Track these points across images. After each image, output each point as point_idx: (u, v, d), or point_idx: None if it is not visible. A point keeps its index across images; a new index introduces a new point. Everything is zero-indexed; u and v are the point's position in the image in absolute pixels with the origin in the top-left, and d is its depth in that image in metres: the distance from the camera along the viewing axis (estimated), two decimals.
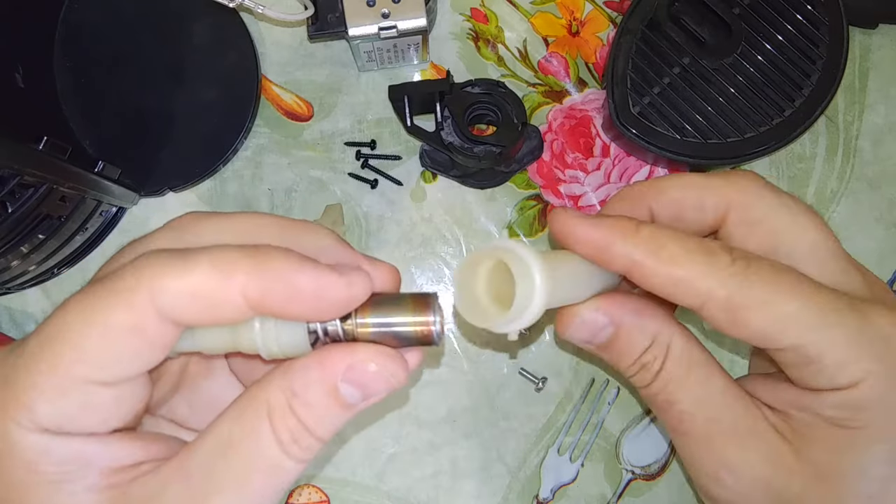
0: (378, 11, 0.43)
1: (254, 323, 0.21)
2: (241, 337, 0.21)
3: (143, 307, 0.19)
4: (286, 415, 0.20)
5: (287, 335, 0.21)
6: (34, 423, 0.19)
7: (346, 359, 0.21)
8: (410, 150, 0.48)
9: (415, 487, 0.45)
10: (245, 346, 0.22)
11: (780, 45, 0.44)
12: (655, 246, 0.24)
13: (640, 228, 0.24)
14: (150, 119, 0.47)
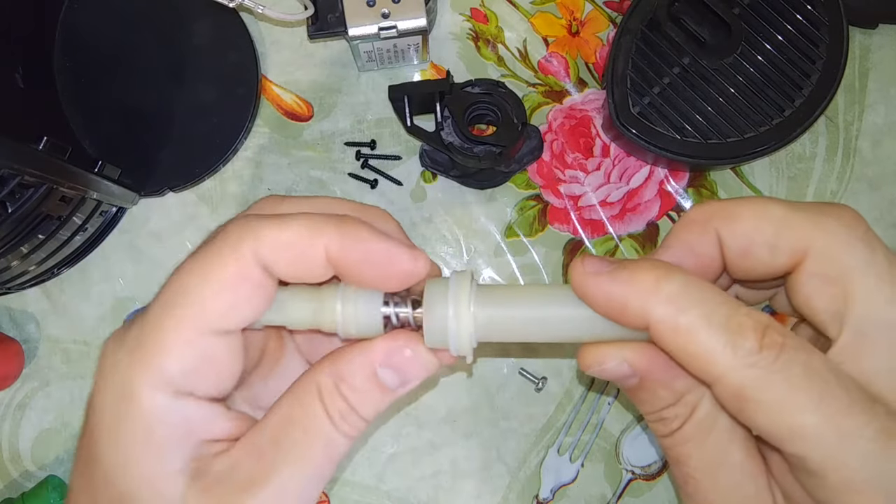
0: (378, 11, 0.43)
1: (336, 304, 0.24)
2: (323, 315, 0.24)
3: (247, 257, 0.22)
4: (335, 397, 0.22)
5: (364, 316, 0.24)
6: (163, 382, 0.21)
7: (384, 345, 0.23)
8: (410, 150, 0.48)
9: (415, 487, 0.45)
10: (326, 324, 0.24)
11: (780, 45, 0.44)
12: (675, 310, 0.22)
13: (662, 285, 0.22)
14: (150, 119, 0.47)
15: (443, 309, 0.24)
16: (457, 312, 0.24)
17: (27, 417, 0.47)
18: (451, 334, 0.24)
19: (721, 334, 0.21)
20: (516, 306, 0.25)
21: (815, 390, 0.20)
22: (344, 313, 0.24)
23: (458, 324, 0.24)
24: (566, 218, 0.47)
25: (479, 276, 0.47)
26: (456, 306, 0.24)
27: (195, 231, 0.47)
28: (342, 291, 0.24)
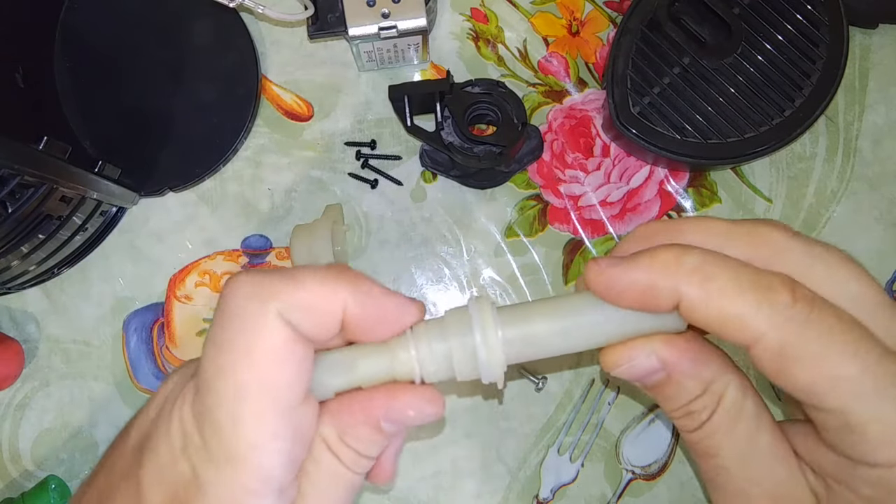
0: (378, 11, 0.43)
1: (410, 350, 0.24)
2: (399, 365, 0.24)
3: (282, 327, 0.21)
4: (342, 447, 0.23)
5: (442, 358, 0.24)
6: (267, 484, 0.21)
7: (387, 404, 0.23)
8: (410, 150, 0.48)
9: (415, 487, 0.45)
10: (402, 374, 0.24)
11: (780, 45, 0.44)
12: (702, 277, 0.22)
13: (684, 259, 0.22)
14: (150, 119, 0.47)
15: (469, 339, 0.24)
16: (485, 340, 0.23)
17: (27, 417, 0.46)
18: (482, 363, 0.24)
19: (754, 294, 0.21)
20: (540, 323, 0.24)
21: (850, 341, 0.21)
22: (420, 359, 0.24)
23: (488, 352, 0.24)
24: (566, 218, 0.47)
25: (480, 277, 0.47)
26: (483, 334, 0.24)
27: (195, 231, 0.47)
28: (413, 338, 0.24)
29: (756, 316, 0.21)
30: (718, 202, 0.48)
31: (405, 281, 0.47)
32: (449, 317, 0.24)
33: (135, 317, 0.47)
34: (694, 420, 0.24)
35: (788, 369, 0.21)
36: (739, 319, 0.21)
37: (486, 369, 0.24)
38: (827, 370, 0.21)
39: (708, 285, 0.22)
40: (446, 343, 0.24)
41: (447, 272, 0.47)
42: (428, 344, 0.24)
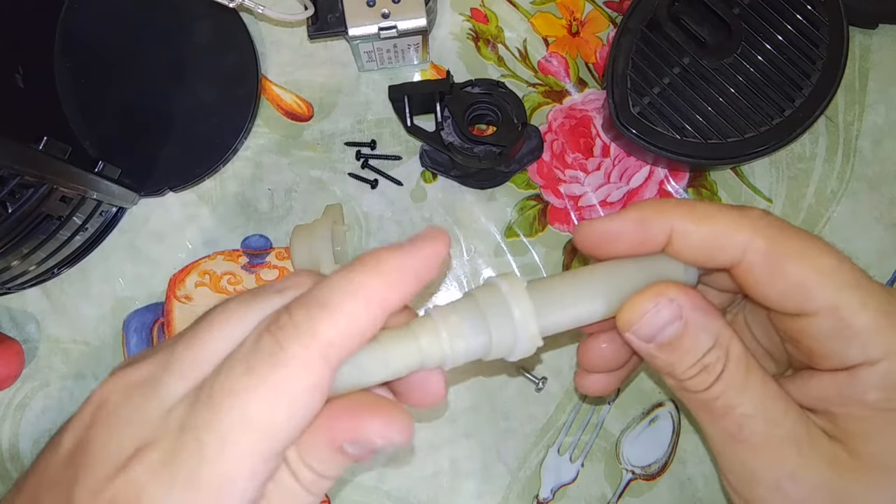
0: (378, 11, 0.43)
1: (440, 333, 0.23)
2: (429, 355, 0.23)
3: (323, 372, 0.21)
4: (302, 468, 0.22)
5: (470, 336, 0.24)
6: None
7: (352, 427, 0.22)
8: (410, 150, 0.48)
9: (414, 487, 0.45)
10: (434, 361, 0.23)
11: (780, 45, 0.44)
12: (688, 208, 0.25)
13: (668, 200, 0.26)
14: (150, 119, 0.47)
15: (507, 318, 0.23)
16: (523, 317, 0.23)
17: (27, 417, 0.47)
18: (521, 340, 0.24)
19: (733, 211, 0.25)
20: (564, 290, 0.25)
21: (818, 241, 0.24)
22: (452, 343, 0.23)
23: (526, 329, 0.24)
24: (566, 218, 0.47)
25: (480, 277, 0.47)
26: (521, 311, 0.23)
27: (195, 231, 0.47)
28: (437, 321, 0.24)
29: (740, 226, 0.24)
30: (718, 202, 0.48)
31: None
32: (479, 294, 0.24)
33: (135, 317, 0.47)
34: (710, 374, 0.25)
35: (780, 268, 0.24)
36: (727, 233, 0.24)
37: (523, 345, 0.24)
38: (812, 262, 0.23)
39: (694, 211, 0.25)
40: (484, 322, 0.24)
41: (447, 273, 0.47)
42: (459, 324, 0.23)
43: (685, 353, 0.25)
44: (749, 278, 0.24)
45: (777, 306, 0.25)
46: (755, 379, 0.25)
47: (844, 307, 0.23)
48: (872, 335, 0.23)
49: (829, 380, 0.24)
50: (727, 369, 0.25)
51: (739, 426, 0.25)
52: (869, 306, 0.23)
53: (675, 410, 0.46)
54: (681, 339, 0.25)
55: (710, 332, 0.25)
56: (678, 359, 0.25)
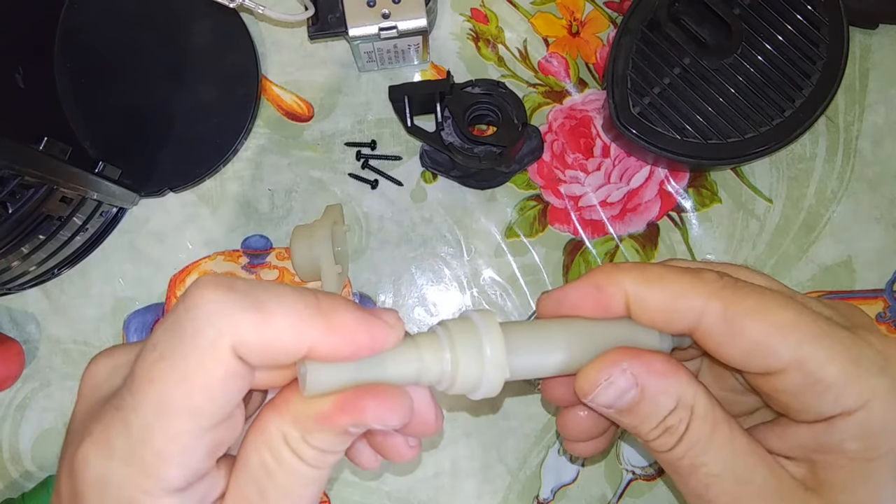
0: (378, 12, 0.43)
1: (444, 355, 0.23)
2: (429, 371, 0.23)
3: (231, 360, 0.21)
4: (304, 446, 0.22)
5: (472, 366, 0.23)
6: (165, 489, 0.21)
7: (353, 416, 0.22)
8: (410, 150, 0.48)
9: (415, 487, 0.45)
10: (429, 379, 0.23)
11: (780, 45, 0.44)
12: (639, 272, 0.25)
13: (621, 265, 0.25)
14: (150, 119, 0.47)
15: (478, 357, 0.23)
16: (493, 358, 0.23)
17: (27, 418, 0.46)
18: (486, 381, 0.23)
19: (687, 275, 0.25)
20: (545, 347, 0.25)
21: (776, 296, 0.24)
22: (453, 366, 0.23)
23: (494, 370, 0.23)
24: (566, 218, 0.47)
25: (480, 277, 0.47)
26: (492, 352, 0.23)
27: (195, 231, 0.47)
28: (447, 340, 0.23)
29: (694, 290, 0.24)
30: (718, 202, 0.48)
31: (405, 281, 0.47)
32: (451, 325, 0.24)
33: (135, 317, 0.47)
34: (673, 435, 0.24)
35: (738, 328, 0.23)
36: (683, 297, 0.24)
37: (487, 387, 0.24)
38: (770, 318, 0.23)
39: (646, 275, 0.25)
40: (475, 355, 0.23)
41: (447, 272, 0.47)
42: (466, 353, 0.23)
43: (645, 417, 0.25)
44: (710, 342, 0.24)
45: (743, 367, 0.24)
46: (721, 436, 0.24)
47: (810, 361, 0.23)
48: (844, 386, 0.22)
49: (807, 430, 0.24)
50: (690, 429, 0.24)
51: (706, 486, 0.24)
52: (836, 356, 0.23)
53: None
54: (639, 405, 0.25)
55: (671, 394, 0.24)
56: (640, 422, 0.25)
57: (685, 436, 0.24)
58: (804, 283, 0.47)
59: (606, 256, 0.47)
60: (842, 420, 0.23)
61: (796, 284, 0.47)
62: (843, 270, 0.47)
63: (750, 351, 0.23)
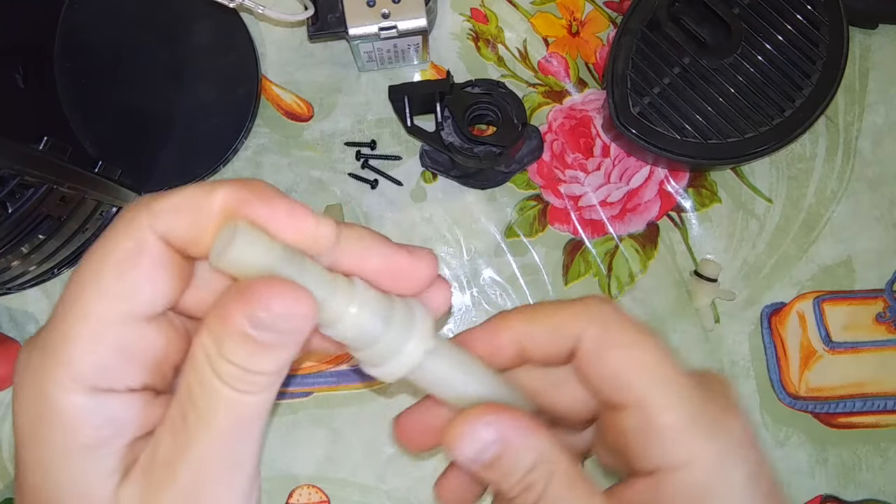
0: (378, 11, 0.43)
1: (356, 289, 0.21)
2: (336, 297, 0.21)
3: (143, 230, 0.20)
4: (221, 361, 0.20)
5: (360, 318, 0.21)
6: (75, 380, 0.20)
7: (241, 309, 0.19)
8: (410, 150, 0.48)
9: (415, 487, 0.45)
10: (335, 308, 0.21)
11: (780, 45, 0.44)
12: (530, 311, 0.26)
13: (517, 308, 0.27)
14: (150, 119, 0.47)
15: (403, 338, 0.22)
16: (413, 349, 0.22)
17: None
18: (393, 365, 0.22)
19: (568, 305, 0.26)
20: (469, 368, 0.25)
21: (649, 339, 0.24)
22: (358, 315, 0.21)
23: (405, 358, 0.22)
24: (566, 218, 0.47)
25: (480, 277, 0.47)
26: (418, 342, 0.22)
27: None
28: (357, 283, 0.21)
29: (577, 316, 0.25)
30: (718, 202, 0.48)
31: None
32: (398, 305, 0.23)
33: None
34: (532, 492, 0.25)
35: (603, 355, 0.24)
36: (565, 326, 0.25)
37: (387, 371, 0.22)
38: (635, 355, 0.24)
39: (535, 312, 0.26)
40: (390, 315, 0.22)
41: (447, 272, 0.47)
42: (370, 309, 0.21)
43: (506, 472, 0.25)
44: (580, 367, 0.25)
45: (595, 394, 0.25)
46: (579, 494, 0.24)
47: (652, 404, 0.23)
48: (675, 438, 0.23)
49: (640, 485, 0.24)
50: (550, 487, 0.24)
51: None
52: (676, 408, 0.23)
53: None
54: (500, 460, 0.25)
55: (533, 450, 0.25)
56: (502, 478, 0.25)
57: (545, 493, 0.25)
58: (804, 283, 0.47)
59: (606, 256, 0.47)
60: (667, 475, 0.23)
61: (796, 284, 0.47)
62: (843, 270, 0.47)
63: (604, 380, 0.24)
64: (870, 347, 0.47)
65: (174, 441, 0.20)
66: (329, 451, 0.45)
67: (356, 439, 0.45)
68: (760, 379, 0.46)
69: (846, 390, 0.46)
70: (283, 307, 0.19)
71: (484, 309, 0.47)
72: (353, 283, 0.21)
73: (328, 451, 0.45)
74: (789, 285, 0.47)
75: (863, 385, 0.46)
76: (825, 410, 0.46)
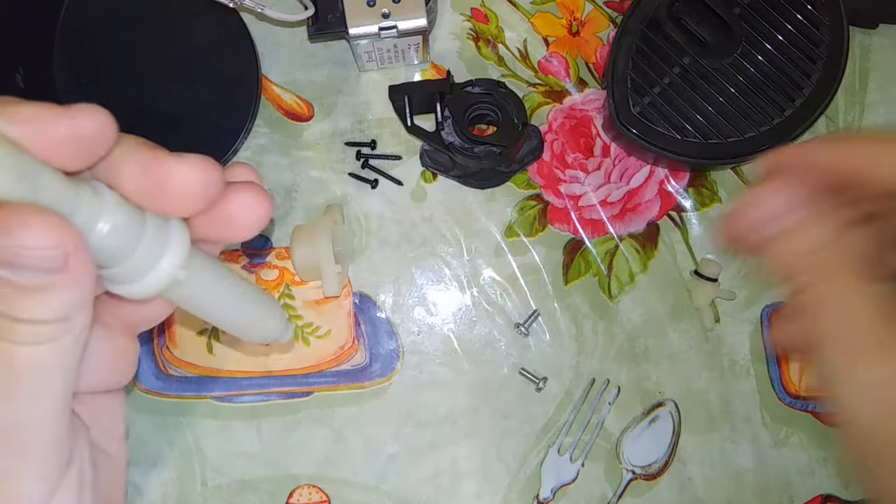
0: (378, 11, 0.43)
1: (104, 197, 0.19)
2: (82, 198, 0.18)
3: None
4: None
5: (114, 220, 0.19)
6: None
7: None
8: (411, 150, 0.48)
9: (415, 488, 0.45)
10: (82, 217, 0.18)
11: (780, 45, 0.44)
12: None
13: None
14: (149, 119, 0.47)
15: (157, 254, 0.19)
16: (167, 265, 0.20)
17: None
18: (145, 283, 0.20)
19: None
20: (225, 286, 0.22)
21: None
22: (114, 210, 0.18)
23: (159, 274, 0.20)
24: (566, 218, 0.47)
25: (480, 277, 0.47)
26: (173, 257, 0.20)
27: None
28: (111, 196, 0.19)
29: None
30: (718, 202, 0.48)
31: (405, 281, 0.47)
32: (151, 218, 0.20)
33: None
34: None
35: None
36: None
37: (142, 286, 0.20)
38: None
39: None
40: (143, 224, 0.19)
41: (447, 272, 0.47)
42: (121, 224, 0.19)
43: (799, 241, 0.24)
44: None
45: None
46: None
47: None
48: None
49: None
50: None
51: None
52: None
53: (676, 410, 0.46)
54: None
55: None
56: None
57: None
58: None
59: (606, 256, 0.47)
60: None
61: None
62: None
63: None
64: None
65: None
66: (329, 451, 0.45)
67: (356, 439, 0.45)
68: (760, 379, 0.46)
69: None
70: (20, 238, 0.15)
71: (484, 309, 0.47)
72: (99, 193, 0.18)
73: (328, 451, 0.45)
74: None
75: None
76: (825, 410, 0.46)
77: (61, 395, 0.18)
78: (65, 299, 0.17)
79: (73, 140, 0.18)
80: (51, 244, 0.16)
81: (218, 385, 0.46)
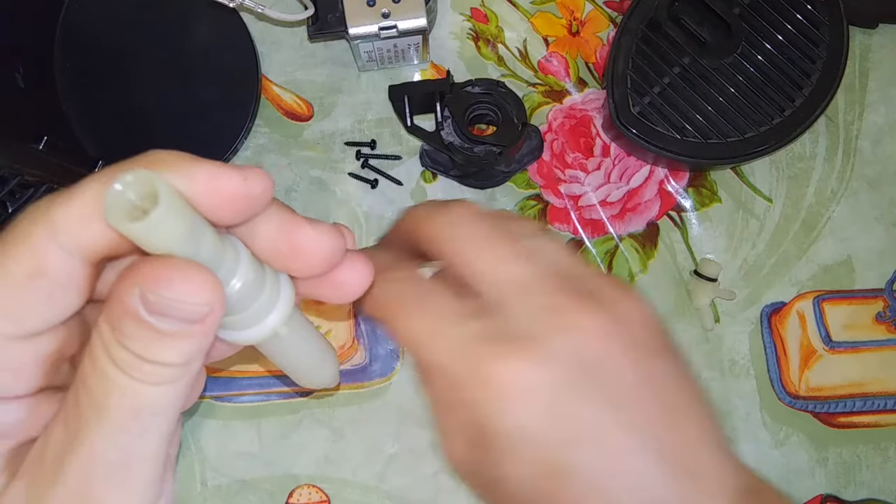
0: (378, 11, 0.43)
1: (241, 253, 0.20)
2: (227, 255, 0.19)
3: (43, 246, 0.18)
4: (115, 346, 0.18)
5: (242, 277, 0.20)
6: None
7: (131, 290, 0.17)
8: (410, 150, 0.48)
9: (415, 487, 0.45)
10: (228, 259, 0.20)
11: (780, 44, 0.44)
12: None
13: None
14: (149, 119, 0.47)
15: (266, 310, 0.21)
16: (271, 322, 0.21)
17: None
18: (249, 334, 0.21)
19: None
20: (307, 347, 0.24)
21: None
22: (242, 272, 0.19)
23: (262, 329, 0.21)
24: (566, 218, 0.47)
25: None
26: (276, 316, 0.21)
27: None
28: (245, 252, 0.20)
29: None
30: (718, 202, 0.48)
31: None
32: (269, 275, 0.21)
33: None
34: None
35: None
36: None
37: (246, 336, 0.21)
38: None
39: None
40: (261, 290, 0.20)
41: None
42: (253, 272, 0.20)
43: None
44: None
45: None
46: None
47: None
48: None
49: None
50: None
51: None
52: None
53: None
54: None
55: None
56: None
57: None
58: (804, 283, 0.47)
59: (606, 255, 0.47)
60: None
61: (796, 284, 0.47)
62: (843, 270, 0.47)
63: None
64: (870, 347, 0.47)
65: (65, 432, 0.18)
66: (329, 451, 0.45)
67: (356, 439, 0.45)
68: (760, 379, 0.46)
69: (846, 390, 0.46)
70: (179, 292, 0.17)
71: None
72: (237, 250, 0.19)
73: (328, 451, 0.45)
74: (789, 285, 0.47)
75: (863, 384, 0.46)
76: (825, 410, 0.46)
77: (166, 433, 0.19)
78: (193, 347, 0.18)
79: (244, 200, 0.19)
80: (204, 301, 0.17)
81: (217, 384, 0.46)
